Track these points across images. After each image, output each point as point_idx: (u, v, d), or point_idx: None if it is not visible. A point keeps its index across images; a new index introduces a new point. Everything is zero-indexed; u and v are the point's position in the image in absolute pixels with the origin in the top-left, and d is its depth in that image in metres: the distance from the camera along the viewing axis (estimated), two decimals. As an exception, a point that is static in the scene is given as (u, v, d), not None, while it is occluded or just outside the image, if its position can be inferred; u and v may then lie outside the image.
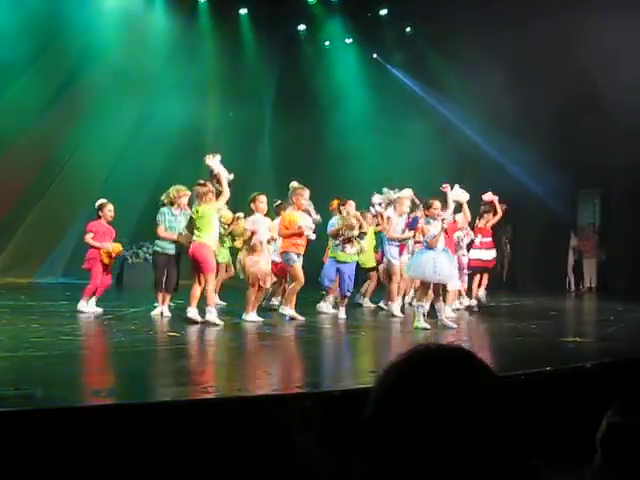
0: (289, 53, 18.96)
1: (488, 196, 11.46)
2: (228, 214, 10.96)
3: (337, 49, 19.30)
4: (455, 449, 1.12)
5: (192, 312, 8.59)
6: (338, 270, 10.32)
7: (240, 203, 11.33)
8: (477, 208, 11.96)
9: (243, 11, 18.10)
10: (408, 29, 18.80)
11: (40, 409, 3.77)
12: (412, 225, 10.56)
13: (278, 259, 9.98)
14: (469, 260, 11.25)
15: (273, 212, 10.42)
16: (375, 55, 19.43)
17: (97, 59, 15.78)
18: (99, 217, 10.28)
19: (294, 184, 10.25)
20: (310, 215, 9.90)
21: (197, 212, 9.05)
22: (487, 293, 11.53)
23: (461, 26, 15.28)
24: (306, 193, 9.90)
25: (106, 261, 9.88)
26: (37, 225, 15.71)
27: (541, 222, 16.14)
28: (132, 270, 16.30)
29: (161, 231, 9.78)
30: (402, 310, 10.37)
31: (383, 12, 18.31)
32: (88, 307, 9.59)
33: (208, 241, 8.89)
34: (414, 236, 10.41)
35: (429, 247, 8.64)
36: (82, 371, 5.39)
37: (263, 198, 9.97)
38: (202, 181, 9.45)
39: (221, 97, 17.52)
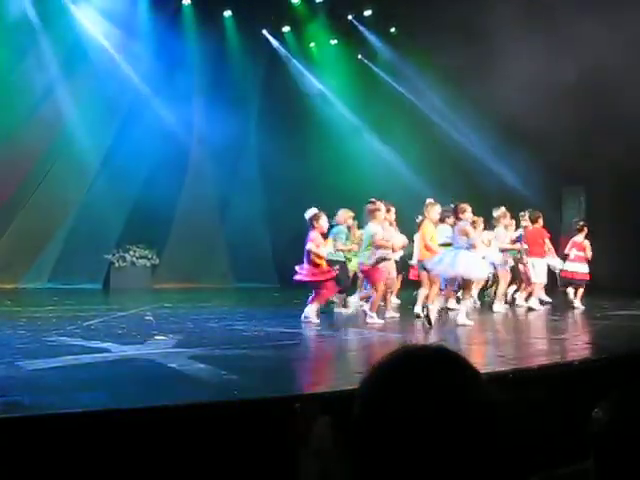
0: (274, 55, 18.94)
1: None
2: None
3: (322, 50, 19.29)
4: (440, 448, 1.12)
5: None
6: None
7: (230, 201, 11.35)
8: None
9: (227, 13, 18.05)
10: (393, 29, 18.81)
11: (27, 416, 3.74)
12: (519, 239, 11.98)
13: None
14: (561, 272, 12.28)
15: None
16: (360, 56, 19.44)
17: (79, 65, 15.70)
18: (314, 227, 10.20)
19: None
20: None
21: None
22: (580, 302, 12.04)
23: (445, 27, 15.30)
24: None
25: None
26: (22, 231, 15.61)
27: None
28: (119, 274, 16.24)
29: (340, 245, 11.08)
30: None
31: (367, 13, 18.31)
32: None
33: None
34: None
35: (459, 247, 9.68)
36: (69, 377, 5.36)
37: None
38: (372, 199, 10.32)
39: (205, 102, 17.45)
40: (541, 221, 12.12)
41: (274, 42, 19.10)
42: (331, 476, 1.45)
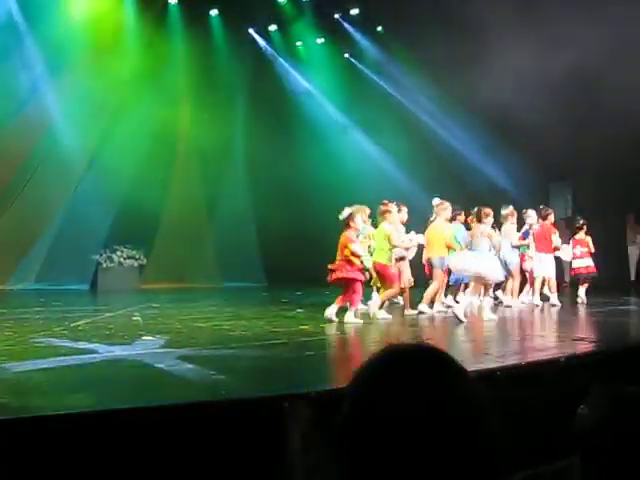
0: (260, 54, 18.93)
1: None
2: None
3: (309, 49, 19.30)
4: (427, 446, 1.12)
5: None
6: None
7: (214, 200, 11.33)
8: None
9: (214, 12, 18.02)
10: (379, 28, 18.83)
11: (14, 418, 3.72)
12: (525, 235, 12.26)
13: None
14: (571, 270, 12.83)
15: None
16: (347, 55, 19.45)
17: (66, 64, 15.62)
18: (349, 227, 10.00)
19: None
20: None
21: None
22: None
23: (432, 25, 15.33)
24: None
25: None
26: (8, 232, 15.53)
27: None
28: (106, 274, 16.19)
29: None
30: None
31: (354, 12, 18.33)
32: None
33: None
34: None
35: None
36: (57, 379, 5.33)
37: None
38: (385, 201, 10.67)
39: (193, 101, 17.42)
40: (551, 217, 12.43)
41: (261, 41, 19.11)
42: (318, 474, 1.45)
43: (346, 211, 10.07)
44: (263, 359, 6.38)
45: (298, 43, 19.40)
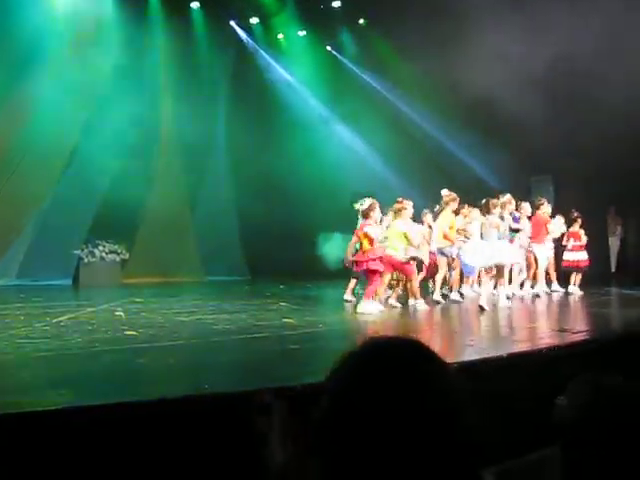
0: (242, 47, 18.86)
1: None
2: None
3: (290, 42, 19.25)
4: (407, 439, 1.12)
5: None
6: None
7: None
8: (435, 200, 12.18)
9: (195, 5, 17.93)
10: (361, 21, 18.81)
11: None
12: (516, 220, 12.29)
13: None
14: (565, 262, 12.96)
15: None
16: (329, 47, 19.42)
17: (45, 58, 15.47)
18: (369, 217, 10.38)
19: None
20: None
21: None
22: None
23: (415, 18, 15.34)
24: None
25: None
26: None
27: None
28: (88, 269, 16.08)
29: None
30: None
31: (336, 4, 18.28)
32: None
33: None
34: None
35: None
36: (38, 375, 5.30)
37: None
38: (399, 198, 10.97)
39: (174, 94, 17.32)
40: (543, 208, 12.72)
41: (242, 34, 19.03)
42: (298, 468, 1.44)
43: (367, 202, 10.40)
44: (246, 353, 6.38)
45: (280, 35, 19.35)
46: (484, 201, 11.14)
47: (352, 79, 18.64)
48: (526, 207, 12.66)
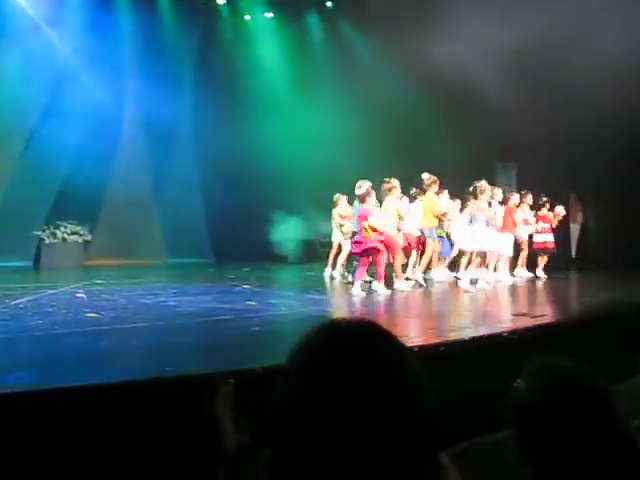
0: (208, 28, 18.65)
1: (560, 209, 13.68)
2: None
3: (257, 23, 19.10)
4: (364, 422, 1.13)
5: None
6: None
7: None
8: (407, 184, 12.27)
9: (160, -16, 17.69)
10: (329, 3, 18.73)
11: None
12: None
13: None
14: (534, 243, 13.36)
15: None
16: (296, 29, 19.29)
17: (5, 38, 15.14)
18: (365, 201, 10.62)
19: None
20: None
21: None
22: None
23: (381, 1, 15.34)
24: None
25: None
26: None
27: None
28: (49, 251, 15.86)
29: None
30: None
31: (303, -14, 18.19)
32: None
33: None
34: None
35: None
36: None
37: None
38: (387, 179, 11.25)
39: (138, 75, 17.06)
40: (513, 198, 13.09)
41: (209, 15, 18.81)
42: (255, 451, 1.44)
43: (364, 186, 10.59)
44: (209, 335, 6.37)
45: (247, 17, 19.18)
46: (472, 187, 11.59)
47: (319, 61, 18.56)
48: (498, 192, 12.78)
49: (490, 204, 12.17)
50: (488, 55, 13.31)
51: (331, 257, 13.13)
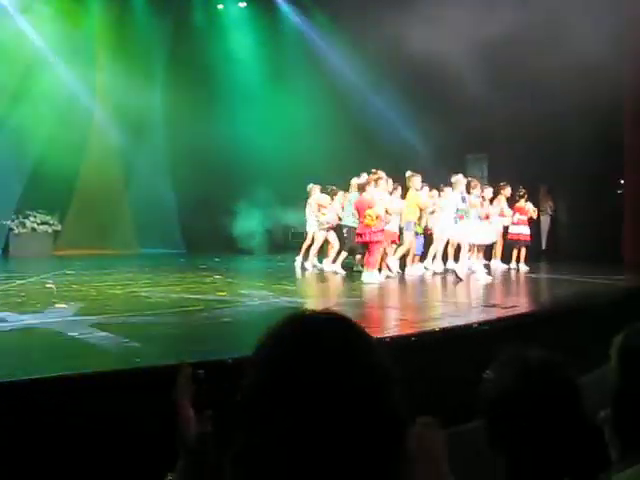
0: (181, 16, 18.48)
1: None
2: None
3: (230, 13, 18.97)
4: (332, 414, 1.12)
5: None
6: None
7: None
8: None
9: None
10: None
11: None
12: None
13: None
14: (509, 234, 13.57)
15: None
16: (269, 20, 19.18)
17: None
18: (365, 191, 10.96)
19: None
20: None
21: None
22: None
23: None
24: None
25: None
26: None
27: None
28: (18, 240, 15.68)
29: None
30: None
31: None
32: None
33: None
34: None
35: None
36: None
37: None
38: (374, 170, 11.45)
39: (109, 64, 16.87)
40: (487, 191, 13.16)
41: (182, 3, 18.64)
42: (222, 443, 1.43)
43: (363, 177, 11.22)
44: (179, 326, 6.33)
45: (220, 6, 19.05)
46: (465, 182, 12.19)
47: (292, 51, 18.49)
48: (487, 192, 13.12)
49: (464, 199, 12.42)
50: (460, 48, 13.32)
51: (304, 247, 13.15)
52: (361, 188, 11.05)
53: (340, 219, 12.58)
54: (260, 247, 16.74)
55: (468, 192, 12.07)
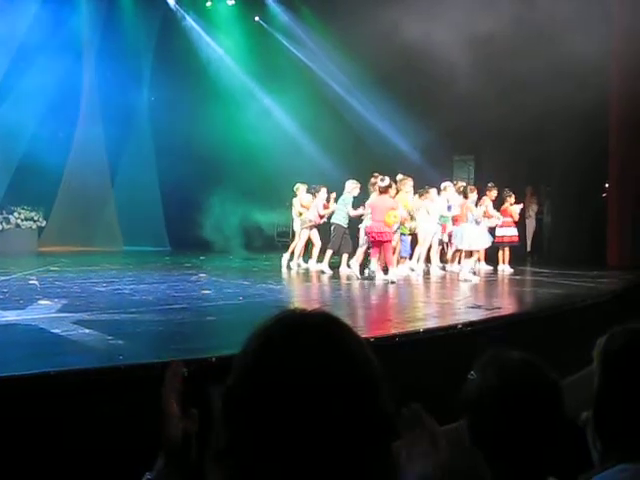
0: (168, 13, 18.42)
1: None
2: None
3: (219, 11, 18.91)
4: (320, 413, 1.11)
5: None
6: None
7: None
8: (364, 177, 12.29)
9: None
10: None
11: None
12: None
13: None
14: (496, 237, 13.47)
15: None
16: (257, 18, 19.17)
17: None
18: (387, 192, 11.31)
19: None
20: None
21: None
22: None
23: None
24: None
25: None
26: None
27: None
28: (2, 236, 15.56)
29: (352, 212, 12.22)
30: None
31: (266, -26, 18.06)
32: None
33: None
34: None
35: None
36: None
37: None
38: (375, 173, 11.83)
39: (97, 61, 16.79)
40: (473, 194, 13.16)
41: (169, 0, 18.59)
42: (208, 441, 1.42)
43: (386, 180, 11.44)
44: (163, 324, 6.31)
45: (208, 4, 18.98)
46: (462, 187, 12.81)
47: (280, 51, 18.47)
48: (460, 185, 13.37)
49: (449, 207, 12.88)
50: (447, 48, 13.35)
51: (291, 246, 13.19)
52: (383, 191, 11.34)
53: (323, 216, 12.66)
54: (236, 247, 16.63)
55: (465, 197, 12.46)
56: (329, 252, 12.34)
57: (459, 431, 1.84)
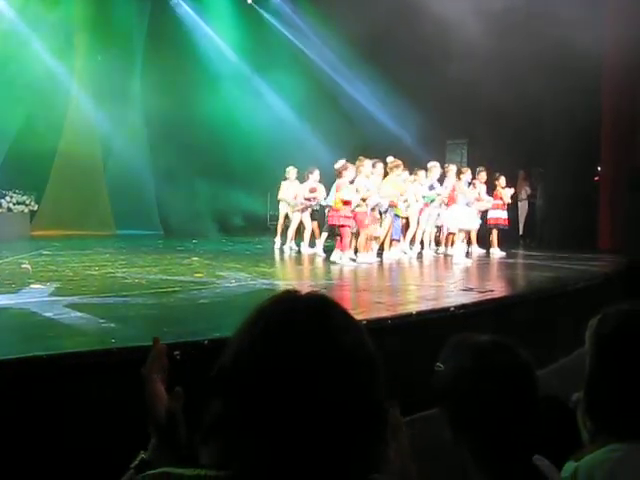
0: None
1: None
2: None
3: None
4: (312, 396, 1.12)
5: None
6: None
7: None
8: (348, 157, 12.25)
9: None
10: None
11: None
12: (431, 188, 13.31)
13: None
14: (487, 219, 13.82)
15: None
16: (249, 1, 19.06)
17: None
18: (341, 176, 11.33)
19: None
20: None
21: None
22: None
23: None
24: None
25: None
26: None
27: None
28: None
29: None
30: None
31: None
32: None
33: None
34: None
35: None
36: None
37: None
38: (360, 157, 11.87)
39: (88, 42, 16.65)
40: (465, 175, 13.29)
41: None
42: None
43: (339, 162, 11.52)
44: (156, 307, 6.30)
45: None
46: (455, 169, 13.07)
47: (272, 33, 18.39)
48: (453, 169, 13.37)
49: (431, 186, 13.01)
50: (440, 30, 13.31)
51: (278, 228, 13.26)
52: (338, 174, 11.34)
53: (310, 199, 12.70)
54: (228, 230, 16.62)
55: (458, 178, 12.75)
56: (324, 235, 12.36)
57: (440, 417, 1.84)
